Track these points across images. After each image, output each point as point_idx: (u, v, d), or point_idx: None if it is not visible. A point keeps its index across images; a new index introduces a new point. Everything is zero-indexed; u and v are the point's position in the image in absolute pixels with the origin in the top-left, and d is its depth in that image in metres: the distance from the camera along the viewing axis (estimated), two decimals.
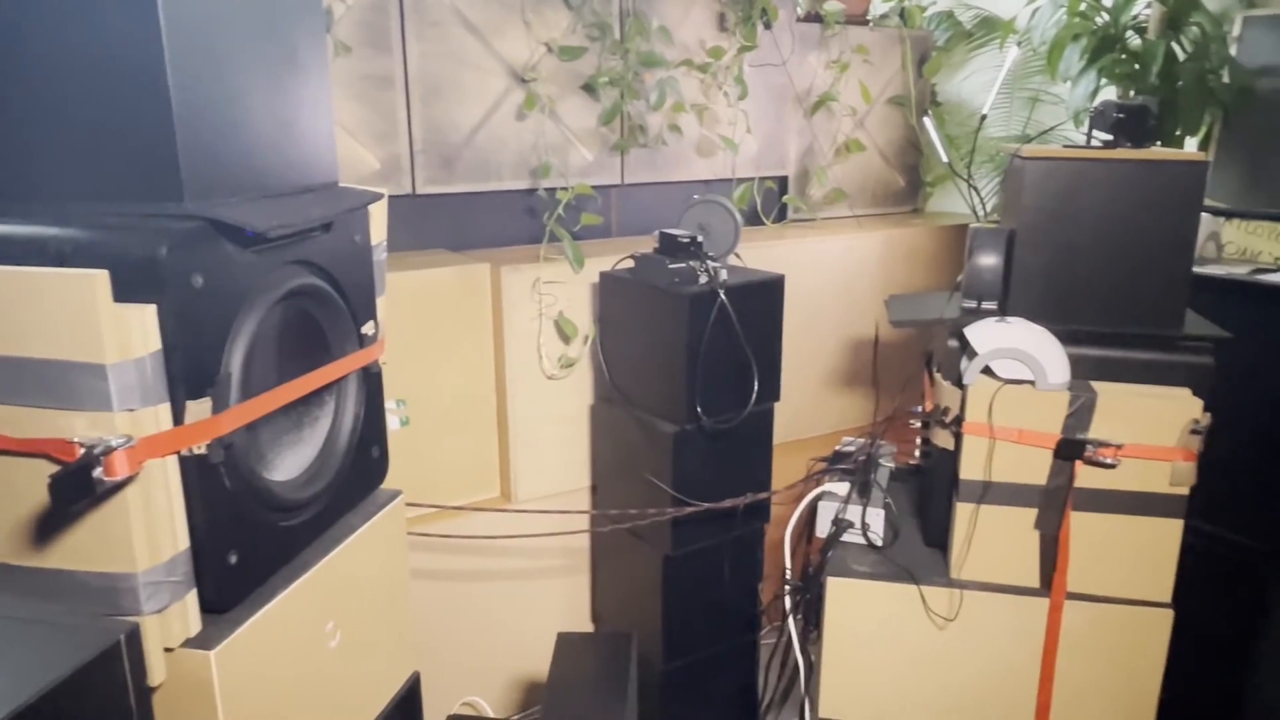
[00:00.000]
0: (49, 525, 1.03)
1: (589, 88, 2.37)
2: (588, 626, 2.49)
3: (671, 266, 1.98)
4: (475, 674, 2.30)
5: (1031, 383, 1.65)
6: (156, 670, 1.06)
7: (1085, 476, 1.63)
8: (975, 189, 2.72)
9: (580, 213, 2.26)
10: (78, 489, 0.95)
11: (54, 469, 0.97)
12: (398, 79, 2.13)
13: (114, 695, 0.80)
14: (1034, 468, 1.65)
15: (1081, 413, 1.61)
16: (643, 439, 2.11)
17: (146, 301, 1.00)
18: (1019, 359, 1.64)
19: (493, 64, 2.25)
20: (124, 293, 0.98)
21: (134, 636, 0.81)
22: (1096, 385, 1.65)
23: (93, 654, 0.77)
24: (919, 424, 1.89)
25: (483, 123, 2.26)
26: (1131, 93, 2.82)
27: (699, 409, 1.99)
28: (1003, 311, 1.80)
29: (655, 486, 2.05)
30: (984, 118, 2.34)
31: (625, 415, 2.17)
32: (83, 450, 0.96)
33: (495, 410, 2.27)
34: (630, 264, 2.12)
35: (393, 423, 2.09)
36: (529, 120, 2.31)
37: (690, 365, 1.96)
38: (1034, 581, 1.71)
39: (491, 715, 2.28)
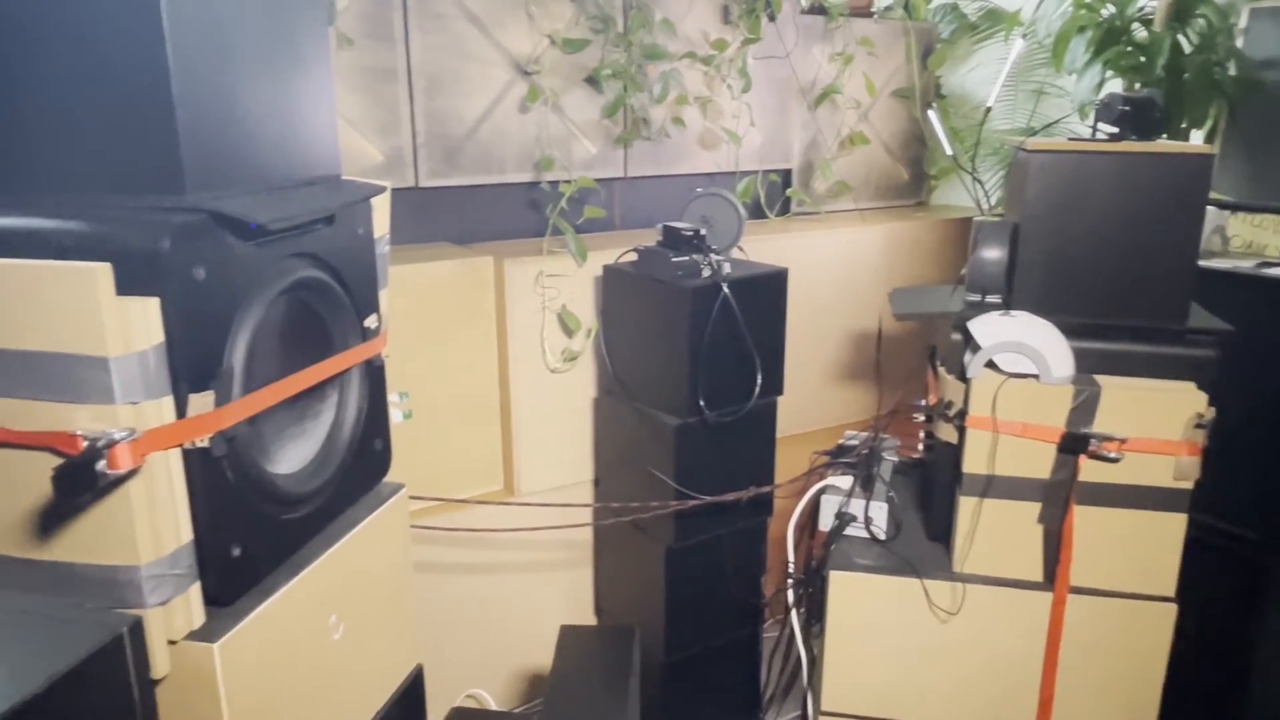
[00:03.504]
0: (53, 518, 1.03)
1: (592, 80, 2.37)
2: (591, 619, 2.50)
3: (674, 260, 1.98)
4: (478, 667, 2.31)
5: (1035, 376, 1.64)
6: (160, 663, 1.06)
7: (1089, 470, 1.62)
8: (980, 182, 2.71)
9: (583, 206, 2.25)
10: (81, 482, 0.96)
11: (58, 462, 0.97)
12: (400, 71, 2.12)
13: (118, 688, 0.81)
14: (1037, 462, 1.65)
15: (1085, 406, 1.61)
16: (645, 432, 2.11)
17: (149, 294, 1.00)
18: (1023, 353, 1.64)
19: (495, 56, 2.24)
20: (126, 285, 0.98)
21: (137, 629, 0.81)
22: (1100, 379, 1.64)
23: (96, 646, 0.78)
24: (922, 418, 1.89)
25: (486, 115, 2.26)
26: (1137, 85, 2.81)
27: (701, 402, 1.99)
28: (1007, 305, 1.79)
29: (658, 479, 2.05)
30: (989, 110, 2.33)
31: (628, 408, 2.17)
32: (86, 443, 0.96)
33: (498, 403, 2.26)
34: (633, 257, 2.11)
35: (396, 416, 2.08)
36: (532, 113, 2.30)
37: (693, 358, 1.96)
38: (1037, 575, 1.71)
39: (494, 708, 2.29)
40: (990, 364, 1.67)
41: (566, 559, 2.41)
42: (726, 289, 1.95)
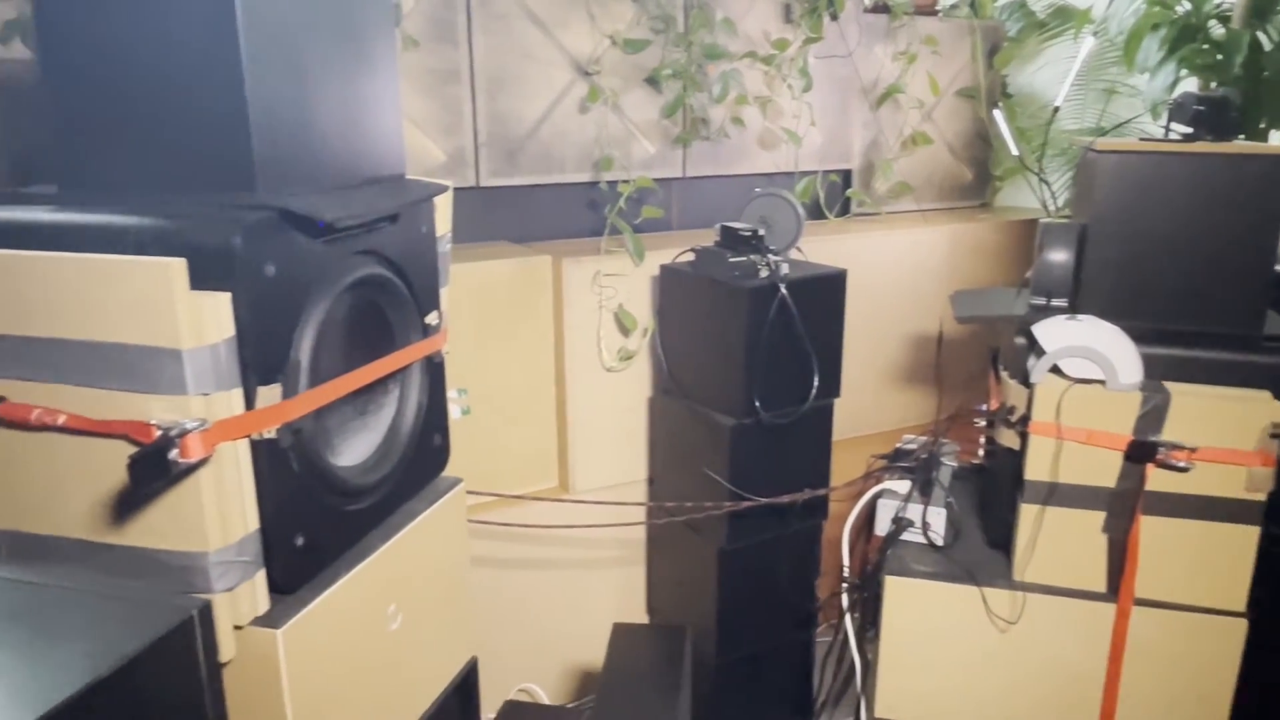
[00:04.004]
0: (127, 504, 1.07)
1: (652, 80, 2.37)
2: (643, 618, 2.50)
3: (732, 260, 1.97)
4: (531, 661, 2.33)
5: (1102, 382, 1.60)
6: (226, 647, 1.09)
7: (1156, 480, 1.58)
8: (1046, 183, 2.65)
9: (641, 205, 2.26)
10: (155, 470, 0.99)
11: (133, 450, 1.01)
12: (463, 72, 2.15)
13: (187, 669, 0.83)
14: (1103, 469, 1.61)
15: (1154, 414, 1.57)
16: (700, 432, 2.10)
17: (221, 289, 1.03)
18: (1089, 358, 1.60)
19: (557, 57, 2.26)
20: (200, 280, 1.01)
21: (206, 613, 0.84)
22: (1170, 386, 1.60)
23: (167, 628, 0.80)
24: (983, 423, 1.86)
25: (546, 115, 2.28)
26: (1213, 84, 2.73)
27: (757, 403, 1.98)
28: (1073, 309, 1.75)
29: (712, 480, 2.05)
30: (1057, 110, 2.28)
31: (683, 408, 2.17)
32: (160, 432, 1.00)
33: (555, 401, 2.28)
34: (691, 257, 2.11)
35: (454, 412, 2.12)
36: (592, 113, 2.32)
37: (749, 359, 1.95)
38: (1100, 586, 1.67)
39: (547, 702, 2.31)
40: (1055, 369, 1.63)
41: (619, 557, 2.42)
42: (784, 290, 1.94)
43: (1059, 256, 1.76)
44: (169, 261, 0.99)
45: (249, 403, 1.07)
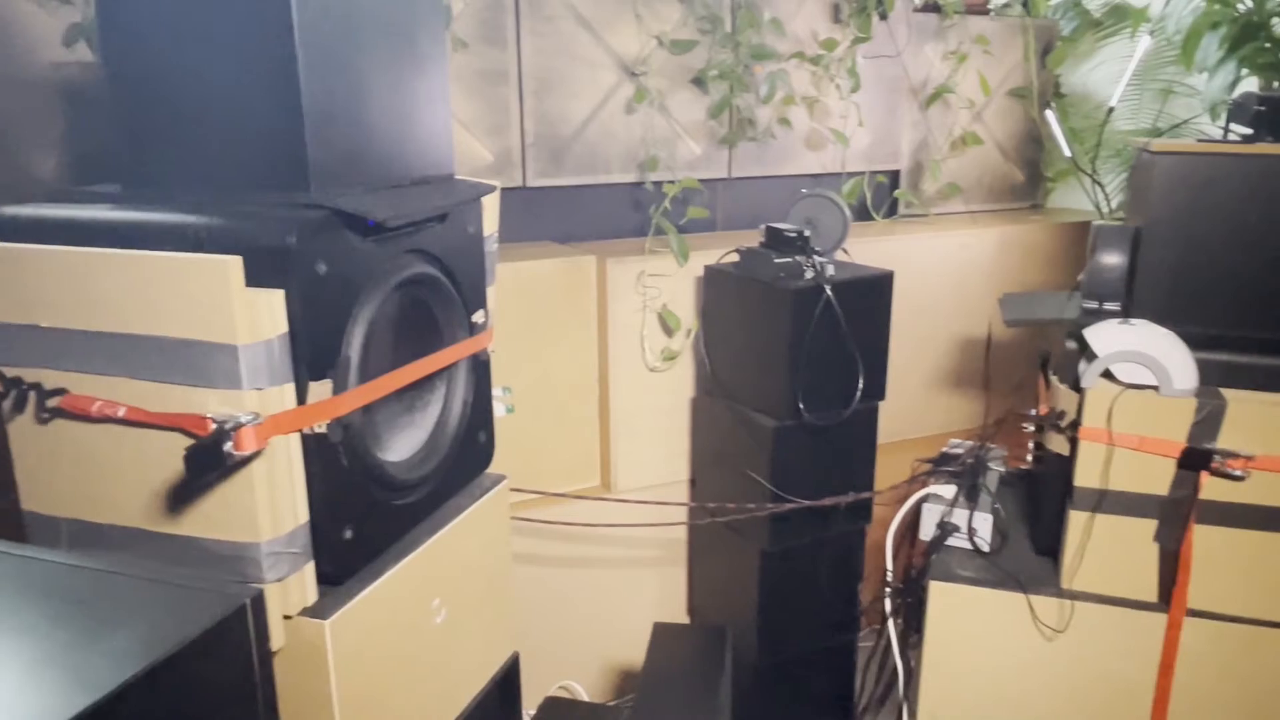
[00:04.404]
0: (183, 495, 1.10)
1: (698, 81, 2.37)
2: (683, 618, 2.50)
3: (777, 261, 1.97)
4: (572, 659, 2.34)
5: (1155, 388, 1.57)
6: (276, 636, 1.12)
7: (1211, 488, 1.54)
8: (1100, 185, 2.60)
9: (686, 206, 2.26)
10: (210, 461, 1.01)
11: (189, 442, 1.04)
12: (512, 74, 2.17)
13: (239, 656, 0.85)
14: (1155, 477, 1.58)
15: (1209, 421, 1.53)
16: (743, 433, 2.10)
17: (275, 286, 1.06)
18: (1142, 363, 1.57)
19: (604, 58, 2.27)
20: (255, 278, 1.03)
21: (259, 601, 0.86)
22: (1226, 393, 1.56)
23: (222, 615, 0.82)
24: (1031, 428, 1.83)
25: (592, 116, 2.29)
26: (1275, 84, 2.65)
27: (801, 405, 1.97)
28: (1126, 313, 1.72)
29: (754, 481, 2.04)
30: (1111, 110, 2.24)
31: (726, 409, 2.17)
32: (215, 426, 1.02)
33: (598, 400, 2.29)
34: (735, 258, 2.11)
35: (499, 409, 2.13)
36: (638, 114, 2.33)
37: (793, 361, 1.95)
38: (1152, 596, 1.64)
39: (586, 700, 2.32)
40: (1106, 374, 1.61)
41: (661, 557, 2.43)
42: (829, 291, 1.93)
43: (1112, 259, 1.72)
44: (226, 259, 1.01)
45: (301, 398, 1.10)
